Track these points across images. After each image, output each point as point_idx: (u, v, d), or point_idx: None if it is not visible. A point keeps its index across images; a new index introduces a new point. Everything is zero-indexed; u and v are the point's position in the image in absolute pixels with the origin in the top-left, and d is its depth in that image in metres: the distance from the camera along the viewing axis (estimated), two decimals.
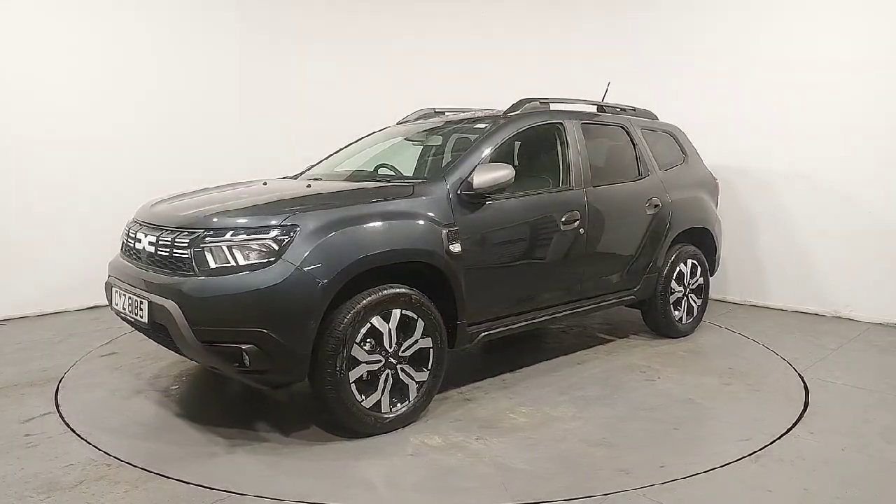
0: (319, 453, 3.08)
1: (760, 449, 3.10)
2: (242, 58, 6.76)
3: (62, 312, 5.87)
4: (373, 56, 7.45)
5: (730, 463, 2.96)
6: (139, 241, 3.40)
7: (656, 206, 4.72)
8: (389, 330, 3.22)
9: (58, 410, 3.59)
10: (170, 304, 2.98)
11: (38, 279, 5.77)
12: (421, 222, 3.40)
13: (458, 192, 3.60)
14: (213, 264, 2.98)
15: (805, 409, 3.60)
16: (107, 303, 3.70)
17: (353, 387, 3.13)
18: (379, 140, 4.83)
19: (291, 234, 3.00)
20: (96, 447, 3.10)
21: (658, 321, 4.96)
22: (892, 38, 5.30)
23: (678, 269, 4.92)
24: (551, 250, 4.05)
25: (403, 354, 3.31)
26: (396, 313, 3.24)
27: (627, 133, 4.82)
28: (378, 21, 7.49)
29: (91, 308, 5.91)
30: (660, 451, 3.11)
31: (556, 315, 4.19)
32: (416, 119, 5.11)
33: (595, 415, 3.54)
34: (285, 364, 2.99)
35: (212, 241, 3.01)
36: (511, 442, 3.20)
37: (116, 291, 3.50)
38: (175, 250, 3.12)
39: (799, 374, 4.18)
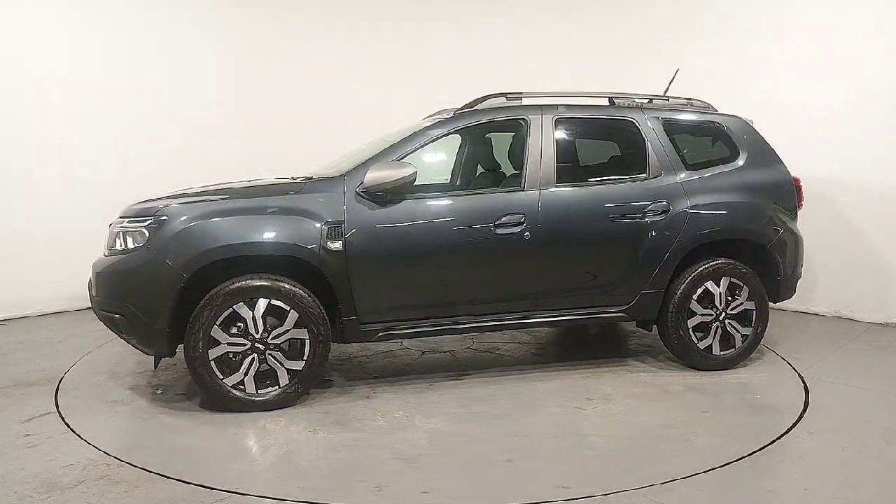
0: (171, 421, 3.44)
1: (760, 449, 3.10)
2: (246, 59, 6.75)
3: (62, 312, 5.88)
4: (391, 56, 7.34)
5: (730, 463, 2.95)
6: None
7: (663, 211, 4.07)
8: (253, 317, 3.45)
9: (58, 410, 3.59)
10: (90, 277, 3.74)
11: (38, 279, 5.77)
12: (294, 218, 3.51)
13: (357, 190, 3.62)
14: (117, 246, 3.58)
15: (805, 409, 3.60)
16: None
17: (214, 365, 3.43)
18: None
19: (159, 223, 3.44)
20: (96, 447, 3.10)
21: (672, 348, 4.24)
22: None
23: (703, 287, 4.11)
24: (479, 254, 3.79)
25: (273, 342, 3.48)
26: (262, 302, 3.44)
27: (638, 128, 4.23)
28: (390, 21, 7.40)
29: (91, 308, 5.90)
30: (455, 477, 2.84)
31: (497, 324, 3.93)
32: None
33: (454, 432, 3.30)
34: (146, 335, 3.49)
35: (115, 227, 3.62)
36: (334, 441, 3.18)
37: None
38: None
39: (799, 374, 4.17)
